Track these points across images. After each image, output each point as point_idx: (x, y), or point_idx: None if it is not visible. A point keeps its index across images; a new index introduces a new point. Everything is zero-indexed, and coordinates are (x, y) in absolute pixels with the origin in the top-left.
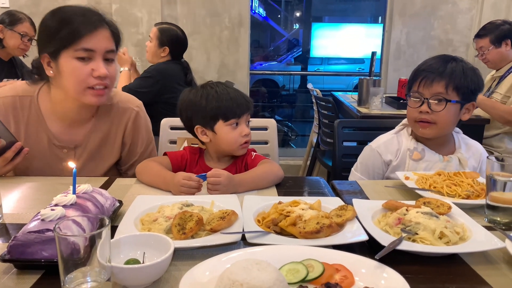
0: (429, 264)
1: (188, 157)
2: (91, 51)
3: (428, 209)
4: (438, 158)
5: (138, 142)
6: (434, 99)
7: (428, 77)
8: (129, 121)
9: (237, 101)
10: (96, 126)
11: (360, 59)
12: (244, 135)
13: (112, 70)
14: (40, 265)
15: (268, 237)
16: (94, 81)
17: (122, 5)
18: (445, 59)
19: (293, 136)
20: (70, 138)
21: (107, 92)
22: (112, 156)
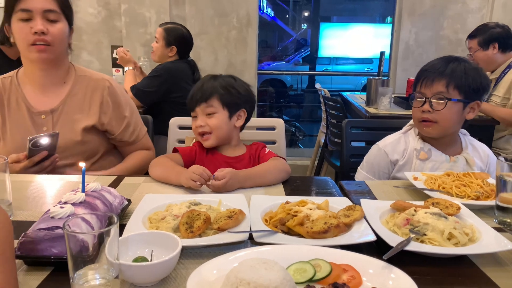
0: (438, 265)
1: (197, 150)
2: (28, 11)
3: (436, 209)
4: (445, 158)
5: (120, 106)
6: (435, 98)
7: (429, 77)
8: (105, 89)
9: (196, 94)
10: (71, 92)
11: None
12: (196, 127)
13: (55, 30)
14: (49, 261)
15: (275, 236)
16: (33, 37)
17: (130, 5)
18: (447, 60)
19: (300, 136)
20: (45, 104)
21: (49, 49)
22: (89, 119)
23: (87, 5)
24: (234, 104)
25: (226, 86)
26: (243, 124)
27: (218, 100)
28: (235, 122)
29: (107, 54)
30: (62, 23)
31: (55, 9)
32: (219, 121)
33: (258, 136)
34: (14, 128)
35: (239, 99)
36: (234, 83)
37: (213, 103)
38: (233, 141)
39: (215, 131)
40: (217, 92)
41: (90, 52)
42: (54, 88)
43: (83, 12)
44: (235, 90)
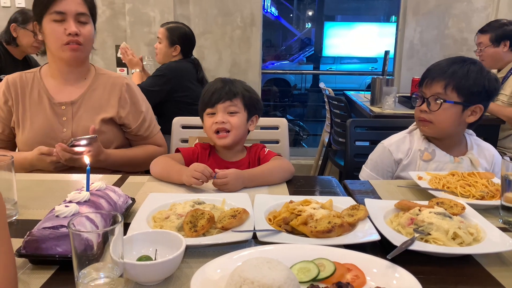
0: (442, 265)
1: (199, 152)
2: (62, 13)
3: (441, 209)
4: (449, 159)
5: (138, 102)
6: (433, 99)
7: (430, 77)
8: (123, 85)
9: (220, 91)
10: (90, 87)
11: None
12: (215, 122)
13: (85, 31)
14: (54, 260)
15: (279, 235)
16: (67, 38)
17: (135, 4)
18: (453, 61)
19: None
20: (66, 96)
21: (81, 49)
22: (107, 112)
23: None
24: (253, 108)
25: (247, 89)
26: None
27: (242, 100)
28: (249, 126)
29: (111, 53)
30: (90, 24)
31: (86, 12)
32: (240, 121)
33: (262, 135)
34: (35, 117)
35: (257, 104)
36: (251, 88)
37: (237, 103)
38: (240, 145)
39: (235, 130)
40: (243, 93)
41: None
42: (76, 83)
43: None
44: (255, 95)
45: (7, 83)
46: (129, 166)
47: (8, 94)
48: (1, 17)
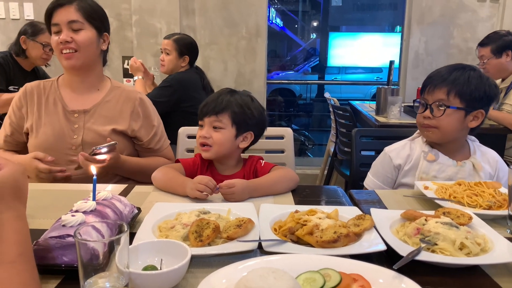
0: (449, 275)
1: (199, 163)
2: (57, 25)
3: (448, 219)
4: (452, 162)
5: (151, 115)
6: (436, 105)
7: (432, 83)
8: (136, 100)
9: (209, 104)
10: (104, 99)
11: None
12: (200, 136)
13: (79, 37)
14: (60, 270)
15: (284, 245)
16: (61, 46)
17: (141, 16)
18: (453, 67)
19: (310, 145)
20: (79, 105)
21: (76, 56)
22: (119, 125)
23: None
24: (244, 124)
25: (241, 104)
26: (248, 146)
27: (229, 116)
28: (239, 143)
29: (118, 64)
30: (87, 30)
31: (79, 19)
32: (224, 137)
33: (267, 145)
34: (48, 123)
35: (250, 120)
36: (250, 103)
37: (222, 118)
38: (231, 160)
39: (217, 146)
40: (231, 108)
41: None
42: (89, 93)
43: None
44: (250, 111)
45: (25, 90)
46: (141, 175)
47: (24, 100)
48: (10, 29)
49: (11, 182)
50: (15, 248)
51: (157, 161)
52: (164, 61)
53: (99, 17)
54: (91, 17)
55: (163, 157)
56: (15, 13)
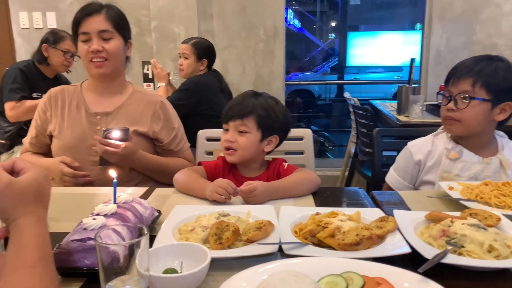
0: (477, 279)
1: (222, 166)
2: (87, 33)
3: (475, 220)
4: (477, 159)
5: (171, 117)
6: (460, 97)
7: (456, 74)
8: (157, 103)
9: (234, 108)
10: (126, 102)
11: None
12: (225, 140)
13: (109, 46)
14: (82, 272)
15: (305, 248)
16: (91, 55)
17: (160, 22)
18: (480, 58)
19: (330, 146)
20: (102, 107)
21: (106, 64)
22: (141, 127)
23: None
24: (269, 128)
25: (266, 107)
26: (272, 149)
27: (254, 120)
28: (264, 147)
29: (138, 70)
30: (116, 39)
31: (109, 29)
32: (249, 142)
33: (286, 146)
34: (71, 126)
35: (275, 123)
36: (275, 106)
37: (248, 122)
38: (255, 163)
39: (242, 150)
40: (256, 112)
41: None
42: (111, 97)
43: None
44: (275, 114)
45: (50, 95)
46: (160, 174)
47: (49, 104)
48: (34, 38)
49: (34, 187)
50: (35, 253)
51: (176, 161)
52: (183, 66)
53: (125, 25)
54: (119, 26)
55: (183, 159)
56: (39, 22)
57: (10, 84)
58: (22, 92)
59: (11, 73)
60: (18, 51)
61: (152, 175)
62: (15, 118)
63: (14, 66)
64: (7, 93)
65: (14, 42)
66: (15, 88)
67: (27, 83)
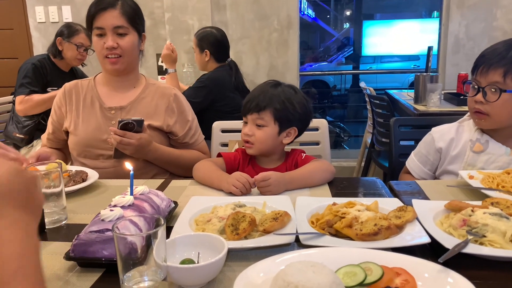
0: (500, 269)
1: (241, 158)
2: (101, 28)
3: (497, 209)
4: (504, 151)
5: (184, 112)
6: (489, 88)
7: (486, 63)
8: (171, 96)
9: (252, 101)
10: (140, 96)
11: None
12: (244, 133)
13: (124, 42)
14: (101, 263)
15: (323, 239)
16: (106, 51)
17: (174, 13)
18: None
19: (345, 137)
20: (116, 102)
21: (121, 61)
22: (155, 121)
23: None
24: (287, 120)
25: (284, 100)
26: (291, 141)
27: (271, 113)
28: (283, 139)
29: (153, 62)
30: (131, 35)
31: (124, 25)
32: (266, 135)
33: (302, 137)
34: (86, 121)
35: (293, 116)
36: (293, 97)
37: (264, 116)
38: (275, 155)
39: (259, 143)
40: (272, 105)
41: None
42: (125, 91)
43: None
44: (292, 106)
45: (64, 90)
46: (174, 166)
47: (64, 100)
48: (50, 32)
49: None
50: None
51: (190, 153)
52: (195, 59)
53: (140, 19)
54: (134, 21)
55: (197, 151)
56: (54, 16)
57: (21, 79)
58: (32, 87)
59: (24, 68)
60: (35, 45)
61: (166, 167)
62: (23, 112)
63: (28, 61)
64: (17, 88)
65: (31, 37)
66: (25, 83)
67: (41, 78)
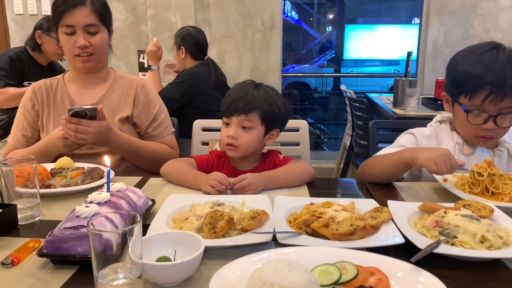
0: (470, 269)
1: (214, 161)
2: (71, 26)
3: (468, 211)
4: (488, 152)
5: (151, 103)
6: (503, 115)
7: (498, 93)
8: (139, 86)
9: (237, 102)
10: (109, 90)
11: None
12: (227, 136)
13: (95, 40)
14: (75, 260)
15: (299, 238)
16: (78, 50)
17: (157, 10)
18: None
19: (325, 139)
20: (86, 99)
21: (92, 59)
22: (124, 112)
23: (115, 11)
24: (273, 122)
25: (270, 101)
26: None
27: (259, 115)
28: (266, 140)
29: (134, 59)
30: (102, 32)
31: (95, 23)
32: (253, 138)
33: (282, 137)
34: (57, 120)
35: (278, 118)
36: (276, 99)
37: (253, 118)
38: (254, 157)
39: (245, 147)
40: (261, 107)
41: (117, 57)
42: (95, 87)
43: None
44: (277, 107)
45: (33, 89)
46: (139, 157)
47: (35, 99)
48: (28, 25)
49: None
50: None
51: (156, 145)
52: None
53: (109, 14)
54: (104, 17)
55: (164, 144)
56: (33, 8)
57: None
58: (8, 80)
59: (0, 61)
60: (13, 38)
61: (129, 158)
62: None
63: (4, 54)
64: None
65: (8, 29)
66: (1, 76)
67: (17, 71)
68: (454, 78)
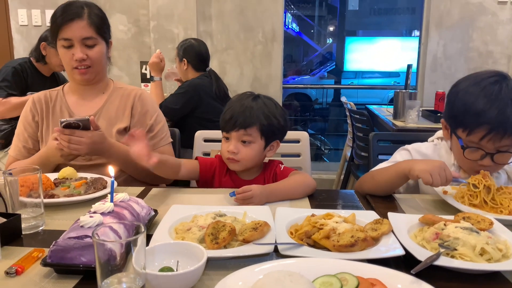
0: (469, 281)
1: (218, 165)
2: (69, 39)
3: (468, 224)
4: None
5: (147, 113)
6: (501, 153)
7: (498, 132)
8: (136, 96)
9: (236, 116)
10: (108, 101)
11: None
12: (228, 151)
13: (93, 53)
14: (78, 270)
15: (301, 249)
16: (75, 63)
17: (159, 22)
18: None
19: (326, 150)
20: (85, 110)
21: (90, 71)
22: (122, 123)
23: (118, 23)
24: (272, 134)
25: (269, 114)
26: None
27: (258, 129)
28: (267, 153)
29: (136, 70)
30: (100, 45)
31: (92, 36)
32: (254, 152)
33: (283, 149)
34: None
35: (278, 129)
36: (275, 111)
37: (252, 132)
38: (255, 168)
39: (246, 161)
40: (259, 121)
41: (120, 67)
42: (94, 98)
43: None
44: (276, 120)
45: (33, 101)
46: (133, 167)
47: (35, 110)
48: (32, 36)
49: None
50: None
51: None
52: None
53: (107, 26)
54: (102, 30)
55: None
56: (37, 19)
57: (0, 82)
58: (10, 90)
59: (3, 71)
60: (16, 48)
61: (125, 169)
62: (0, 115)
63: (8, 64)
64: None
65: (12, 39)
66: (4, 86)
67: (20, 81)
68: (453, 109)
